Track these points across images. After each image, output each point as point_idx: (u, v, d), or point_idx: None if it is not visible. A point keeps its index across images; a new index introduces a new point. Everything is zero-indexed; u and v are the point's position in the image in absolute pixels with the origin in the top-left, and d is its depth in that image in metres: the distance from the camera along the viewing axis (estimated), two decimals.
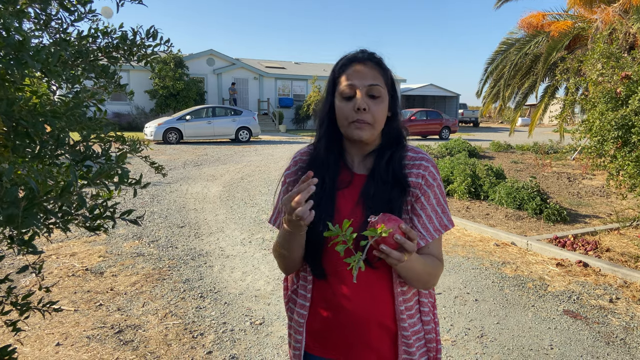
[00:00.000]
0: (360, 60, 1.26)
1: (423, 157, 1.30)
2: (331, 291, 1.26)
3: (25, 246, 1.06)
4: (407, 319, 1.25)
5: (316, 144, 1.35)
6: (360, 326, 1.24)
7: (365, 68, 1.25)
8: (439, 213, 1.27)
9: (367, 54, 1.28)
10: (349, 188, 1.28)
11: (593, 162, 5.29)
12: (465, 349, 3.22)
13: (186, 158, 13.47)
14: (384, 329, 1.25)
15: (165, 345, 3.19)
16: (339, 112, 1.25)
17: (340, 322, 1.26)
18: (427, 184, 1.26)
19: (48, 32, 1.43)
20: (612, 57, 5.05)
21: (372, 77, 1.24)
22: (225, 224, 6.42)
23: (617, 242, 5.49)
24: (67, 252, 5.05)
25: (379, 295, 1.24)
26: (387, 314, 1.25)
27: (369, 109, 1.21)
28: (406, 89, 35.92)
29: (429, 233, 1.25)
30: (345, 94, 1.23)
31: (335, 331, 1.27)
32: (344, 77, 1.25)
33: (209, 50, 27.82)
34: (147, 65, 1.45)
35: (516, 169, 11.58)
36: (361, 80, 1.23)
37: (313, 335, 1.32)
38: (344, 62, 1.28)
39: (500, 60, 14.68)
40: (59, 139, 1.29)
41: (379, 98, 1.24)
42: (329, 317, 1.28)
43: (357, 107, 1.20)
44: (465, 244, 5.59)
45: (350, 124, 1.23)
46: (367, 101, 1.22)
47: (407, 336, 1.25)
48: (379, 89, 1.23)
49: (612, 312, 3.77)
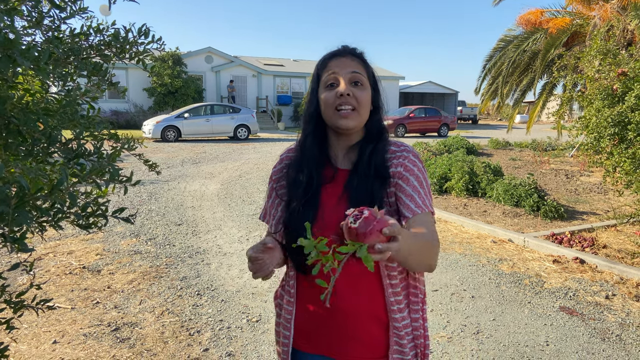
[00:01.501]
0: (342, 54, 1.30)
1: (405, 149, 1.31)
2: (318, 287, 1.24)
3: (16, 244, 1.06)
4: (397, 312, 1.25)
5: (302, 141, 1.36)
6: (348, 320, 1.24)
7: (346, 60, 1.28)
8: (422, 194, 1.24)
9: (348, 49, 1.31)
10: (332, 183, 1.28)
11: (590, 159, 5.29)
12: (461, 345, 3.23)
13: (184, 156, 13.45)
14: (375, 320, 1.25)
15: (162, 343, 3.19)
16: (323, 102, 1.27)
17: (328, 318, 1.26)
18: (406, 169, 1.26)
19: (40, 30, 1.43)
20: (609, 53, 5.05)
21: (353, 66, 1.27)
22: (222, 222, 6.42)
23: (614, 239, 5.50)
24: (64, 250, 5.05)
25: (367, 288, 1.24)
26: (378, 305, 1.24)
27: (353, 94, 1.23)
28: (405, 86, 35.89)
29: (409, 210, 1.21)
30: (328, 82, 1.26)
31: (323, 327, 1.27)
32: (326, 71, 1.28)
33: (207, 48, 27.77)
34: (139, 63, 1.44)
35: (514, 166, 11.59)
36: (343, 69, 1.25)
37: (301, 331, 1.32)
38: (326, 57, 1.31)
39: (498, 57, 14.68)
40: (52, 137, 1.29)
41: (362, 86, 1.26)
42: (316, 313, 1.28)
43: (341, 92, 1.22)
44: (463, 241, 5.60)
45: (335, 111, 1.24)
46: (350, 88, 1.24)
47: (398, 327, 1.24)
48: (360, 77, 1.26)
49: (608, 309, 3.78)
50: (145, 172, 9.36)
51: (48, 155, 1.34)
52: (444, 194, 8.32)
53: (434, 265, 1.21)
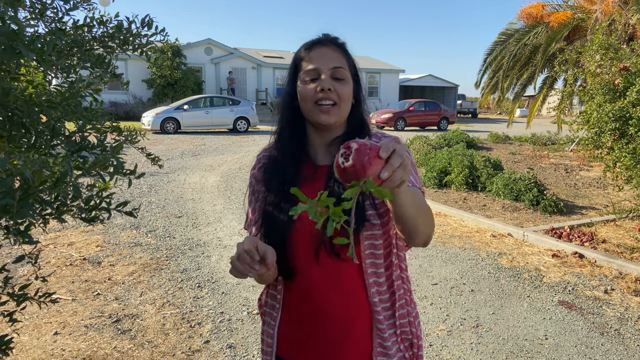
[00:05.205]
0: (323, 43, 1.21)
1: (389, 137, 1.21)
2: (299, 291, 1.20)
3: (21, 236, 1.06)
4: (381, 312, 1.18)
5: (278, 137, 1.28)
6: (332, 326, 1.17)
7: (328, 50, 1.20)
8: None
9: (330, 37, 1.23)
10: (312, 181, 1.20)
11: (590, 154, 5.29)
12: (460, 339, 3.24)
13: (184, 148, 13.43)
14: (358, 324, 1.18)
15: (163, 335, 3.20)
16: (302, 95, 1.19)
17: (311, 324, 1.19)
18: None
19: (44, 21, 1.42)
20: (610, 48, 5.04)
21: (336, 59, 1.19)
22: (222, 214, 6.42)
23: (613, 234, 5.51)
24: (65, 241, 5.05)
25: (349, 289, 1.17)
26: (360, 307, 1.17)
27: (334, 89, 1.16)
28: (405, 80, 35.78)
29: None
30: (309, 77, 1.18)
31: (306, 333, 1.21)
32: (306, 61, 1.20)
33: (206, 39, 27.65)
34: (142, 55, 1.44)
35: (514, 160, 11.59)
36: (325, 63, 1.17)
37: (284, 339, 1.25)
38: (306, 46, 1.23)
39: (499, 51, 14.62)
40: (55, 129, 1.28)
41: (344, 80, 1.18)
42: (300, 320, 1.21)
43: (322, 87, 1.15)
44: (462, 235, 5.61)
45: (315, 106, 1.17)
46: (331, 82, 1.16)
47: (381, 329, 1.18)
48: (343, 72, 1.18)
49: (607, 303, 3.80)
50: (145, 164, 9.33)
51: (51, 148, 1.34)
52: (444, 187, 8.33)
53: (431, 234, 1.13)
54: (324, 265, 1.16)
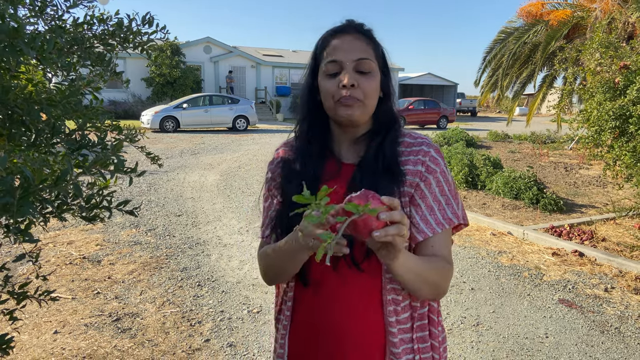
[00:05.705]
0: (346, 31, 1.09)
1: (423, 142, 1.12)
2: (312, 302, 1.11)
3: (21, 235, 1.05)
4: (397, 334, 1.06)
5: (299, 133, 1.19)
6: (343, 341, 1.07)
7: (352, 39, 1.07)
8: (443, 204, 1.09)
9: (354, 24, 1.10)
10: (335, 180, 1.09)
11: (590, 152, 5.29)
12: (460, 337, 3.24)
13: (183, 146, 13.42)
14: (370, 343, 1.07)
15: (163, 333, 3.20)
16: (323, 91, 1.08)
17: (321, 337, 1.10)
18: (429, 170, 1.09)
19: (43, 19, 1.41)
20: (610, 46, 5.03)
21: (361, 50, 1.06)
22: (222, 213, 6.42)
23: (613, 232, 5.51)
24: (64, 240, 5.05)
25: (366, 303, 1.07)
26: (375, 325, 1.07)
27: (358, 84, 1.04)
28: (404, 78, 35.77)
29: (428, 226, 1.06)
30: (329, 71, 1.06)
31: (315, 347, 1.11)
32: (327, 52, 1.08)
33: (206, 38, 27.59)
34: (143, 53, 1.43)
35: (513, 159, 11.59)
36: (347, 55, 1.05)
37: (295, 351, 1.16)
38: (327, 34, 1.10)
39: (498, 50, 14.62)
40: (55, 128, 1.28)
41: (369, 73, 1.06)
42: (311, 332, 1.12)
43: (344, 83, 1.03)
44: (462, 233, 5.61)
45: (337, 102, 1.05)
46: (355, 77, 1.04)
47: (396, 354, 1.06)
48: (369, 64, 1.06)
49: (607, 302, 3.80)
50: (145, 162, 9.32)
51: (51, 146, 1.33)
52: None
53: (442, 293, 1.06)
54: (343, 276, 1.07)
